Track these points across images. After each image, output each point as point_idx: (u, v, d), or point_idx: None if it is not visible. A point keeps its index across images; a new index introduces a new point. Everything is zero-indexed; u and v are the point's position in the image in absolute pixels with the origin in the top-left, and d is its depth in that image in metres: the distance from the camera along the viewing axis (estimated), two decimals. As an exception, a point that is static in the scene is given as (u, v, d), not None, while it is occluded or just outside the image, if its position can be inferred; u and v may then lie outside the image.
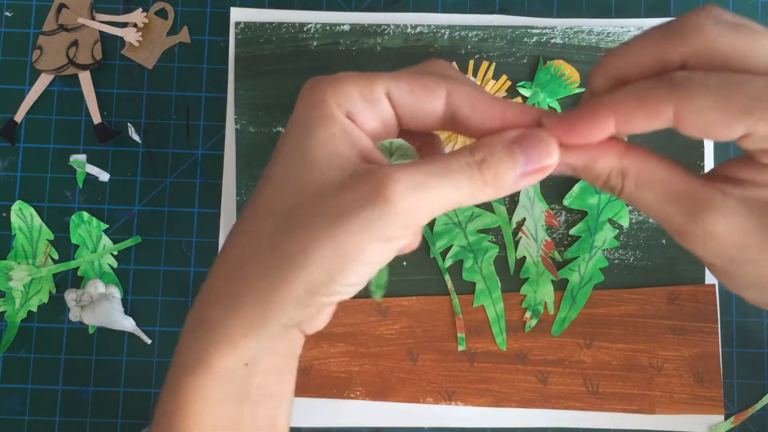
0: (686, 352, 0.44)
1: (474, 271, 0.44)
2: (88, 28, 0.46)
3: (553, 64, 0.45)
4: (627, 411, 0.44)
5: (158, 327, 0.45)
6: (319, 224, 0.25)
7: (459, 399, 0.44)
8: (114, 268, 0.45)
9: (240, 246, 0.28)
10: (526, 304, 0.44)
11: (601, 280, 0.44)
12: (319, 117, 0.27)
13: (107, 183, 0.46)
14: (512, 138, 0.26)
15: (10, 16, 0.47)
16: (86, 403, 0.44)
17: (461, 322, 0.44)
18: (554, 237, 0.45)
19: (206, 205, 0.45)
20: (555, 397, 0.44)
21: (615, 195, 0.27)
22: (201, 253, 0.45)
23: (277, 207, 0.27)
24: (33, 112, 0.46)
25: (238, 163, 0.45)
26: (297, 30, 0.45)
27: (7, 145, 0.46)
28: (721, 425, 0.44)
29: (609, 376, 0.44)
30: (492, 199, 0.26)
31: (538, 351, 0.44)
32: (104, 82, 0.46)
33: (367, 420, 0.44)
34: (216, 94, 0.46)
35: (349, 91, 0.27)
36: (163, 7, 0.47)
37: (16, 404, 0.44)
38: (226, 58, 0.46)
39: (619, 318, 0.44)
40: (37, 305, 0.45)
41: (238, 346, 0.27)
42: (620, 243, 0.45)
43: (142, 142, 0.46)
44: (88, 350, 0.44)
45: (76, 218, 0.45)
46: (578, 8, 0.47)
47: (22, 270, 0.44)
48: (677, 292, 0.44)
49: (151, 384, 0.44)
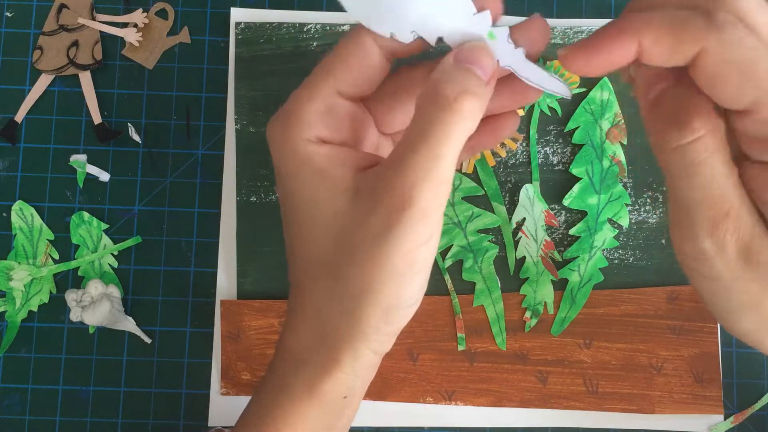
0: (686, 352, 0.44)
1: (474, 271, 0.45)
2: (89, 29, 0.46)
3: (553, 64, 0.45)
4: (626, 411, 0.44)
5: (158, 327, 0.45)
6: (363, 256, 0.26)
7: (459, 399, 0.44)
8: (114, 268, 0.45)
9: (305, 297, 0.29)
10: (526, 304, 0.44)
11: (600, 280, 0.44)
12: (297, 164, 0.27)
13: (107, 183, 0.46)
14: (451, 56, 0.26)
15: (10, 16, 0.47)
16: (86, 403, 0.44)
17: (461, 322, 0.44)
18: (554, 237, 0.45)
19: (206, 205, 0.45)
20: (555, 397, 0.44)
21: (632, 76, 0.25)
22: (201, 253, 0.45)
23: (313, 260, 0.28)
24: (33, 113, 0.46)
25: (238, 163, 0.45)
26: (297, 30, 0.46)
27: (8, 145, 0.46)
28: (721, 425, 0.44)
29: (608, 375, 0.44)
30: (477, 105, 0.26)
31: (537, 351, 0.44)
32: (104, 82, 0.46)
33: (367, 420, 0.44)
34: (216, 94, 0.46)
35: (305, 119, 0.27)
36: (163, 8, 0.47)
37: (16, 404, 0.44)
38: (226, 58, 0.46)
39: (619, 318, 0.44)
40: (38, 305, 0.45)
41: (338, 379, 0.28)
42: (620, 243, 0.45)
43: (143, 142, 0.46)
44: (89, 350, 0.45)
45: (76, 218, 0.45)
46: (578, 8, 0.47)
47: (23, 270, 0.44)
48: (677, 292, 0.44)
49: (152, 384, 0.44)
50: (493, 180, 0.45)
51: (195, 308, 0.45)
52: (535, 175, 0.45)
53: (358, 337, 0.27)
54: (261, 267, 0.45)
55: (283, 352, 0.30)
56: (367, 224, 0.26)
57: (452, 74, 0.26)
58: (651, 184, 0.45)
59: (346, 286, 0.26)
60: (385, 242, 0.25)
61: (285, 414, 0.28)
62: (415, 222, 0.25)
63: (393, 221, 0.25)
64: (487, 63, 0.26)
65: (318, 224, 0.27)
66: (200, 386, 0.44)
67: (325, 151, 0.27)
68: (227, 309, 0.44)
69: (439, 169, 0.25)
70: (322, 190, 0.27)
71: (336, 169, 0.27)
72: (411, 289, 0.27)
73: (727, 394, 0.44)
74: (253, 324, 0.44)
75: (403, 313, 0.27)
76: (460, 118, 0.25)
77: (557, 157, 0.45)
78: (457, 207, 0.45)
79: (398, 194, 0.25)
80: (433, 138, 0.25)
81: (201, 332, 0.45)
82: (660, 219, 0.45)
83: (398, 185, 0.25)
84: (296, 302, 0.29)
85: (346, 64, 0.28)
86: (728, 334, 0.45)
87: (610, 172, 0.45)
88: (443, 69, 0.26)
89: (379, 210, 0.25)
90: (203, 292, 0.45)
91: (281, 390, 0.29)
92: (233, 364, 0.44)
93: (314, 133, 0.27)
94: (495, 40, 0.27)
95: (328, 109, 0.27)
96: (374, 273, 0.26)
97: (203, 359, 0.44)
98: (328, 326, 0.28)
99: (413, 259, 0.26)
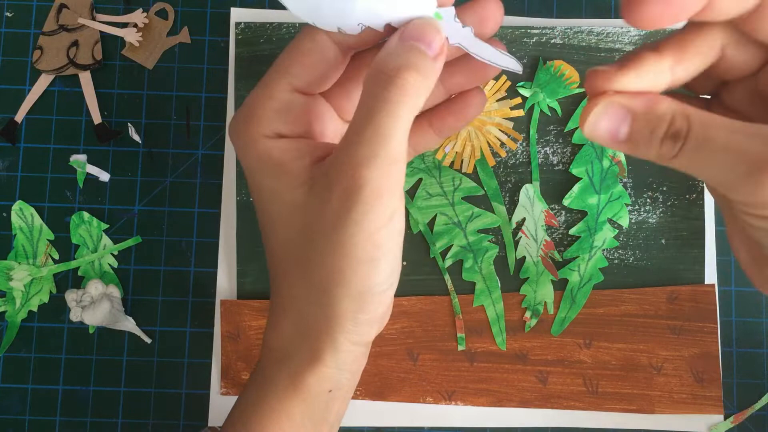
0: (686, 351, 0.44)
1: (474, 271, 0.45)
2: (89, 29, 0.46)
3: (552, 65, 0.45)
4: (626, 411, 0.44)
5: (158, 327, 0.45)
6: (325, 245, 0.26)
7: (459, 399, 0.44)
8: (114, 268, 0.45)
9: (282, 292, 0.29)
10: (526, 304, 0.44)
11: (600, 280, 0.44)
12: (257, 159, 0.27)
13: (107, 183, 0.46)
14: (397, 35, 0.26)
15: (10, 16, 0.47)
16: (86, 403, 0.44)
17: (461, 322, 0.44)
18: (554, 237, 0.45)
19: (206, 205, 0.45)
20: (555, 396, 0.44)
21: (674, 150, 0.24)
22: (201, 253, 0.45)
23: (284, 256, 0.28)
24: (33, 113, 0.46)
25: (238, 163, 0.45)
26: (297, 30, 0.45)
27: (8, 145, 0.46)
28: (721, 425, 0.44)
29: (608, 375, 0.44)
30: (421, 81, 0.25)
31: (537, 351, 0.44)
32: (104, 82, 0.46)
33: (367, 420, 0.44)
34: (216, 94, 0.46)
35: (263, 116, 0.27)
36: (163, 8, 0.47)
37: (16, 404, 0.44)
38: (226, 58, 0.46)
39: (619, 318, 0.44)
40: (38, 305, 0.45)
41: (322, 373, 0.28)
42: (620, 243, 0.45)
43: (143, 142, 0.46)
44: (89, 350, 0.45)
45: (76, 218, 0.45)
46: (578, 8, 0.47)
47: (23, 270, 0.44)
48: (677, 292, 0.44)
49: (152, 384, 0.44)
50: (493, 180, 0.45)
51: (195, 308, 0.45)
52: (535, 175, 0.45)
53: (335, 328, 0.27)
54: (261, 267, 0.45)
55: (267, 350, 0.30)
56: (324, 212, 0.25)
57: (395, 50, 0.25)
58: (651, 184, 0.45)
59: (315, 276, 0.26)
60: (344, 228, 0.25)
61: (271, 410, 0.28)
62: (371, 204, 0.25)
63: (348, 206, 0.25)
64: (433, 38, 0.26)
65: (282, 217, 0.27)
66: (200, 386, 0.44)
67: (283, 145, 0.27)
68: (227, 309, 0.44)
69: (386, 147, 0.24)
70: (282, 184, 0.27)
71: (294, 162, 0.27)
72: (380, 274, 0.26)
73: (727, 394, 0.44)
74: (253, 324, 0.44)
75: (377, 300, 0.27)
76: (403, 93, 0.25)
77: (557, 157, 0.45)
78: (457, 207, 0.45)
79: (348, 178, 0.25)
80: (378, 117, 0.24)
81: (201, 332, 0.45)
82: (660, 219, 0.45)
83: (347, 169, 0.25)
84: (275, 299, 0.29)
85: (301, 62, 0.28)
86: (728, 334, 0.45)
87: (610, 172, 0.45)
88: (387, 46, 0.26)
89: (333, 197, 0.25)
90: (203, 292, 0.45)
91: (266, 386, 0.29)
92: (233, 364, 0.44)
93: (272, 130, 0.27)
94: (441, 20, 0.27)
95: (284, 106, 0.28)
96: (339, 261, 0.25)
97: (203, 359, 0.44)
98: (306, 320, 0.28)
99: (376, 242, 0.25)
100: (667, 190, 0.45)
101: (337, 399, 0.29)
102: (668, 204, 0.45)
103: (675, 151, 0.24)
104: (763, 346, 0.45)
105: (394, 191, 0.25)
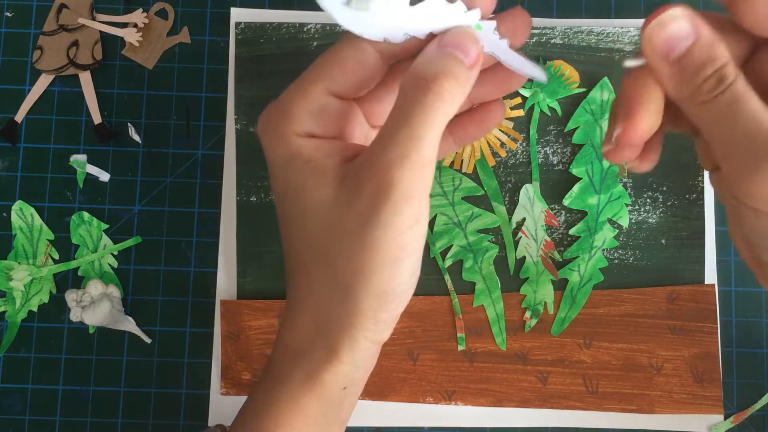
0: (686, 351, 0.44)
1: (474, 271, 0.45)
2: (89, 29, 0.46)
3: (552, 65, 0.45)
4: (626, 411, 0.44)
5: (158, 327, 0.45)
6: (351, 243, 0.26)
7: (459, 399, 0.44)
8: (114, 268, 0.45)
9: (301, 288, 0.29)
10: (526, 304, 0.44)
11: (600, 280, 0.44)
12: (286, 155, 0.27)
13: (107, 183, 0.46)
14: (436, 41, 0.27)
15: (10, 16, 0.47)
16: (86, 403, 0.44)
17: (461, 322, 0.44)
18: (554, 237, 0.45)
19: (206, 205, 0.45)
20: (554, 396, 0.44)
21: (712, 92, 0.23)
22: (201, 253, 0.45)
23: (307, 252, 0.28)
24: (33, 113, 0.46)
25: (238, 163, 0.45)
26: (297, 30, 0.46)
27: (8, 145, 0.46)
28: (721, 425, 0.44)
29: (608, 375, 0.44)
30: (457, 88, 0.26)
31: (537, 351, 0.44)
32: (104, 82, 0.46)
33: (367, 420, 0.44)
34: (216, 94, 0.46)
35: (297, 116, 0.28)
36: (163, 8, 0.47)
37: (16, 404, 0.44)
38: (226, 58, 0.46)
39: (619, 318, 0.44)
40: (38, 305, 0.45)
41: (338, 370, 0.28)
42: (620, 243, 0.45)
43: (142, 142, 0.46)
44: (89, 350, 0.45)
45: (76, 218, 0.45)
46: (578, 8, 0.47)
47: (23, 270, 0.44)
48: (677, 292, 0.44)
49: (152, 384, 0.44)
50: (493, 180, 0.45)
51: (195, 308, 0.45)
52: (535, 175, 0.45)
53: (354, 325, 0.27)
54: (261, 267, 0.45)
55: (282, 346, 0.30)
56: (353, 210, 0.26)
57: (434, 57, 0.26)
58: (651, 184, 0.45)
59: (339, 273, 0.27)
60: (372, 227, 0.25)
61: (284, 407, 0.28)
62: (400, 205, 0.25)
63: (378, 205, 0.25)
64: (471, 47, 0.26)
65: (308, 213, 0.27)
66: (200, 386, 0.44)
67: (314, 144, 0.27)
68: (227, 309, 0.44)
69: (419, 151, 0.25)
70: (310, 180, 0.27)
71: (324, 159, 0.27)
72: (403, 274, 0.26)
73: (727, 394, 0.44)
74: (253, 324, 0.44)
75: (397, 299, 0.27)
76: (439, 99, 0.25)
77: (557, 157, 0.45)
78: (457, 207, 0.45)
79: (380, 178, 0.25)
80: (413, 120, 0.25)
81: (201, 332, 0.45)
82: (660, 219, 0.45)
83: (379, 169, 0.25)
84: (293, 295, 0.29)
85: (342, 67, 0.28)
86: (728, 334, 0.45)
87: (610, 172, 0.45)
88: (426, 53, 0.27)
89: (363, 195, 0.25)
90: (203, 292, 0.45)
91: (280, 383, 0.29)
92: (233, 364, 0.44)
93: (304, 129, 0.28)
94: (481, 30, 0.28)
95: (319, 108, 0.28)
96: (364, 259, 0.26)
97: (203, 359, 0.44)
98: (325, 316, 0.28)
99: (402, 244, 0.26)
100: (667, 190, 0.45)
101: (350, 396, 0.29)
102: (668, 204, 0.45)
103: (713, 94, 0.23)
104: (763, 346, 0.45)
105: (423, 194, 0.26)
